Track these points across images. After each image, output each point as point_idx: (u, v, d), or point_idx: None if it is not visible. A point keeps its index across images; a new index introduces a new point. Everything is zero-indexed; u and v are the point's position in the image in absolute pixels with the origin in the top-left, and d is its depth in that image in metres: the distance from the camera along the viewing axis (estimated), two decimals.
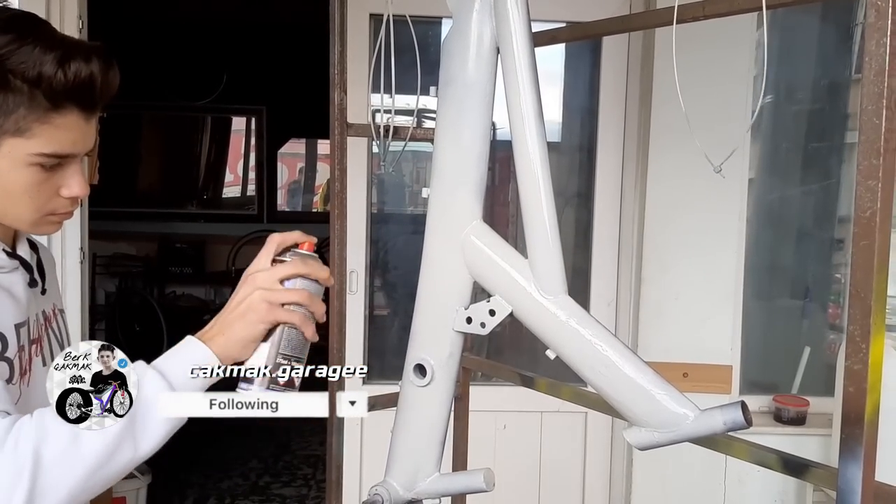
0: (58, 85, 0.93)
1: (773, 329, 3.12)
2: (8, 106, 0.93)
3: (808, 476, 1.01)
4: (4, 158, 0.95)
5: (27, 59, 0.92)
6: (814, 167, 3.16)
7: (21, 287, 1.05)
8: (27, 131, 0.94)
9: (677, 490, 2.85)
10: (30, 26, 0.96)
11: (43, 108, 0.94)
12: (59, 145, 0.96)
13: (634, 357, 0.98)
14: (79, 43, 0.97)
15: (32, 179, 0.97)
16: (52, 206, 1.01)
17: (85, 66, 0.95)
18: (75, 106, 0.96)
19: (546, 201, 1.01)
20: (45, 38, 0.95)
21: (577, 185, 3.11)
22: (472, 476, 1.13)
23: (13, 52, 0.93)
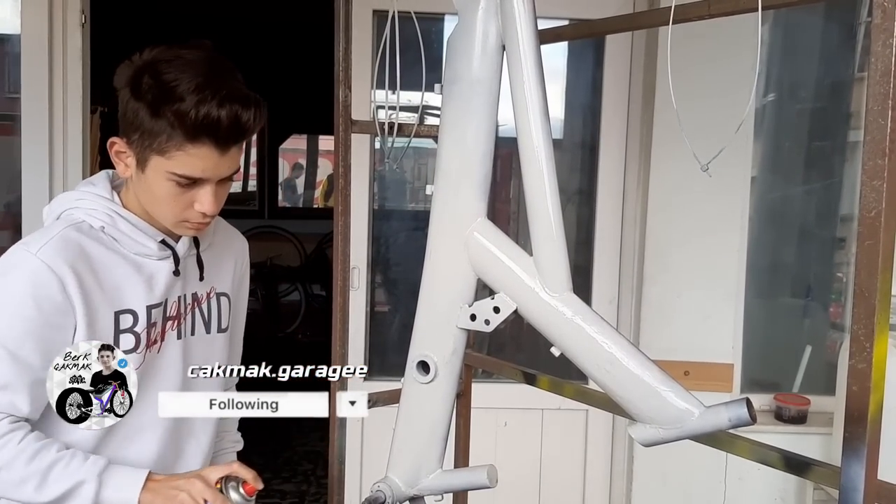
0: (190, 123, 1.12)
1: (774, 328, 3.12)
2: (154, 130, 1.14)
3: (810, 474, 1.01)
4: (152, 170, 1.18)
5: (185, 99, 1.12)
6: (816, 166, 3.16)
7: (164, 273, 1.27)
8: (167, 153, 1.15)
9: (678, 488, 2.86)
10: (193, 71, 1.15)
11: (180, 138, 1.13)
12: (189, 169, 1.16)
13: (639, 354, 0.98)
14: (223, 88, 1.14)
15: (170, 191, 1.19)
16: (186, 215, 1.22)
17: (216, 110, 1.13)
18: (209, 140, 1.14)
19: (551, 198, 1.01)
20: (198, 80, 1.13)
21: (579, 182, 3.11)
22: (476, 472, 1.13)
23: (172, 92, 1.12)
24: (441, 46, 2.72)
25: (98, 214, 1.23)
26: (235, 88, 1.17)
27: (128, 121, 1.16)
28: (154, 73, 1.14)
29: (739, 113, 2.62)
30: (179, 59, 1.16)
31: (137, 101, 1.15)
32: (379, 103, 1.59)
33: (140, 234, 1.25)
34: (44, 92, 2.79)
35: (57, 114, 2.82)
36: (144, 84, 1.14)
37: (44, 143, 2.81)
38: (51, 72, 2.79)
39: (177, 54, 1.17)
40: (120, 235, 1.23)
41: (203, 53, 1.19)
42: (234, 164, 1.22)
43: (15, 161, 2.86)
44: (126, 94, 1.16)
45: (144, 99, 1.14)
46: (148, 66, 1.15)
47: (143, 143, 1.16)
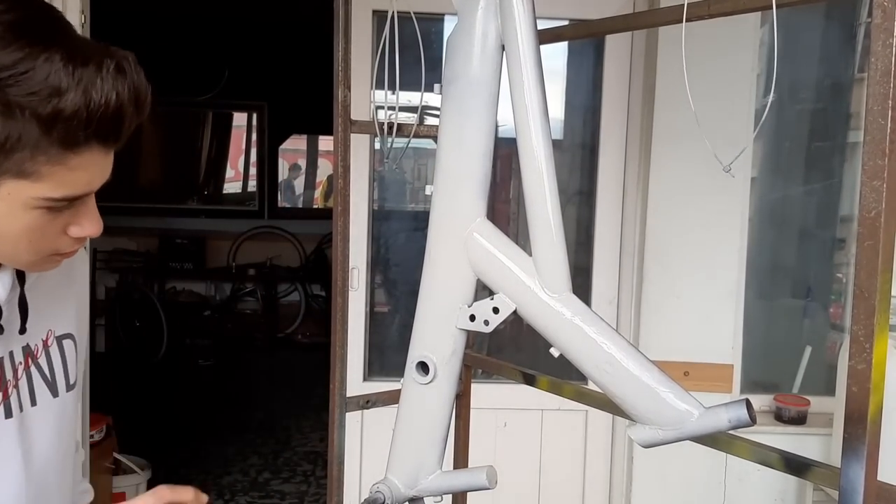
0: (78, 124, 0.75)
1: (774, 328, 3.12)
2: (10, 143, 0.74)
3: (810, 475, 1.01)
4: (2, 201, 0.78)
5: (39, 88, 0.73)
6: (816, 166, 3.16)
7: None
8: (32, 174, 0.77)
9: (678, 488, 2.86)
10: (44, 35, 0.75)
11: (56, 149, 0.76)
12: (72, 188, 0.80)
13: (639, 355, 0.97)
14: (103, 55, 0.77)
15: (35, 223, 0.81)
16: (55, 247, 0.86)
17: (114, 96, 0.76)
18: (96, 142, 0.79)
19: (550, 199, 1.01)
20: (64, 54, 0.74)
21: (578, 182, 3.11)
22: (475, 474, 1.13)
23: (19, 76, 0.72)
24: (440, 46, 2.72)
25: None
26: (114, 56, 0.79)
27: None
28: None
29: (740, 113, 2.64)
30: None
31: None
32: (378, 103, 1.59)
33: None
34: None
35: None
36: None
37: None
38: None
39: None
40: None
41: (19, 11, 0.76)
42: (111, 161, 0.85)
43: None
44: None
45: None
46: None
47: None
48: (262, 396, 5.73)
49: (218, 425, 5.06)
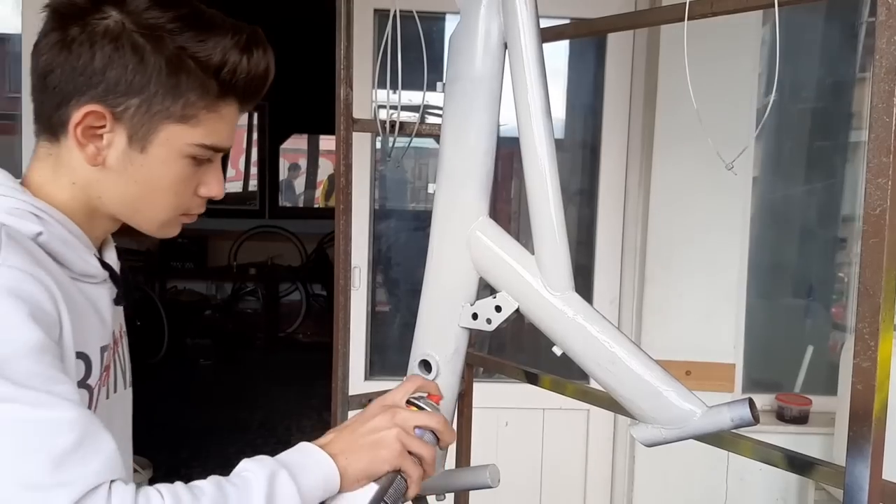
0: (239, 74, 0.87)
1: (776, 327, 3.12)
2: (179, 89, 0.85)
3: (814, 474, 1.01)
4: (161, 147, 0.87)
5: (208, 41, 0.85)
6: (818, 166, 3.16)
7: (107, 302, 0.92)
8: (192, 118, 0.87)
9: (679, 487, 2.85)
10: (192, 7, 0.88)
11: (213, 96, 0.87)
12: (218, 137, 0.89)
13: (641, 353, 0.97)
14: (245, 28, 0.90)
15: (182, 173, 0.89)
16: (188, 205, 0.93)
17: (263, 58, 0.90)
18: (240, 99, 0.91)
19: (553, 197, 1.00)
20: (216, 18, 0.88)
21: (580, 182, 3.11)
22: (478, 472, 1.13)
23: (189, 32, 0.85)
24: (442, 45, 2.72)
25: (24, 216, 0.83)
26: (253, 29, 0.92)
27: (113, 80, 0.83)
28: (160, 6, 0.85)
29: (742, 112, 2.64)
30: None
31: (135, 50, 0.83)
32: (380, 102, 1.58)
33: (81, 247, 0.88)
34: None
35: None
36: (149, 20, 0.84)
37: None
38: None
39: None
40: (60, 247, 0.85)
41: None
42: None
43: (16, 160, 2.86)
44: (101, 40, 0.83)
45: (154, 46, 0.83)
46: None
47: (149, 110, 0.84)
48: (263, 395, 5.73)
49: (219, 424, 5.06)
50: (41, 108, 0.88)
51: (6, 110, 3.11)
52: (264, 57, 0.90)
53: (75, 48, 0.83)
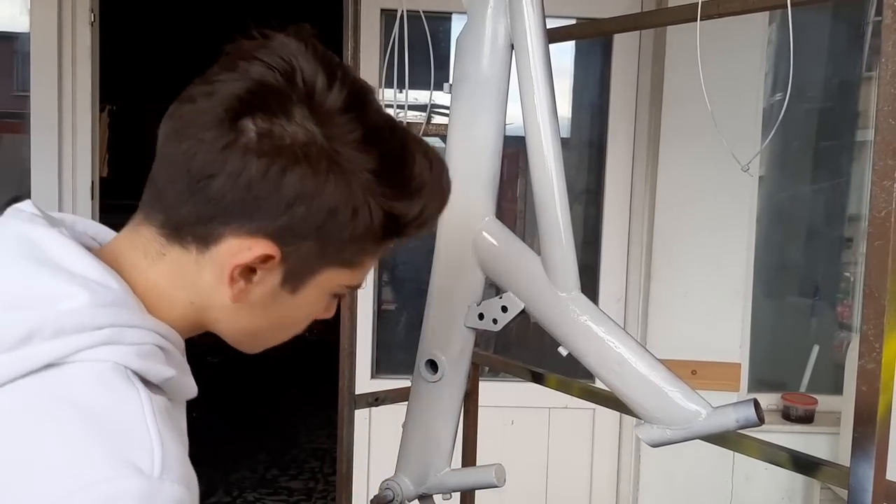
0: (413, 225, 0.75)
1: (781, 327, 3.12)
2: (357, 236, 0.70)
3: (819, 474, 1.01)
4: (316, 287, 0.74)
5: (412, 200, 0.72)
6: (824, 165, 3.16)
7: (184, 418, 0.79)
8: (355, 263, 0.74)
9: (685, 487, 2.86)
10: (399, 143, 0.72)
11: (381, 242, 0.75)
12: (364, 277, 0.78)
13: (647, 354, 0.98)
14: (443, 166, 0.77)
15: (319, 308, 0.78)
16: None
17: (438, 211, 0.78)
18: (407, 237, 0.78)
19: (559, 198, 1.01)
20: (416, 155, 0.73)
21: (586, 181, 3.11)
22: (484, 472, 1.13)
23: (390, 186, 0.70)
24: (449, 45, 2.72)
25: (153, 354, 0.67)
26: (439, 166, 0.78)
27: (300, 216, 0.67)
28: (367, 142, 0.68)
29: (748, 112, 2.63)
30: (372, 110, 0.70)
31: (330, 182, 0.66)
32: (387, 102, 1.59)
33: (189, 372, 0.76)
34: (53, 90, 2.80)
35: (66, 112, 2.84)
36: (346, 141, 0.67)
37: (53, 142, 2.83)
38: (60, 70, 2.81)
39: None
40: (181, 387, 0.74)
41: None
42: None
43: (24, 159, 2.87)
44: (291, 159, 0.65)
45: (347, 181, 0.67)
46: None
47: (320, 254, 0.71)
48: (270, 393, 5.74)
49: (225, 422, 5.07)
50: (176, 202, 0.69)
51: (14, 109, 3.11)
52: (439, 210, 0.78)
53: (252, 160, 0.65)
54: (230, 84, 0.66)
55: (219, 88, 0.66)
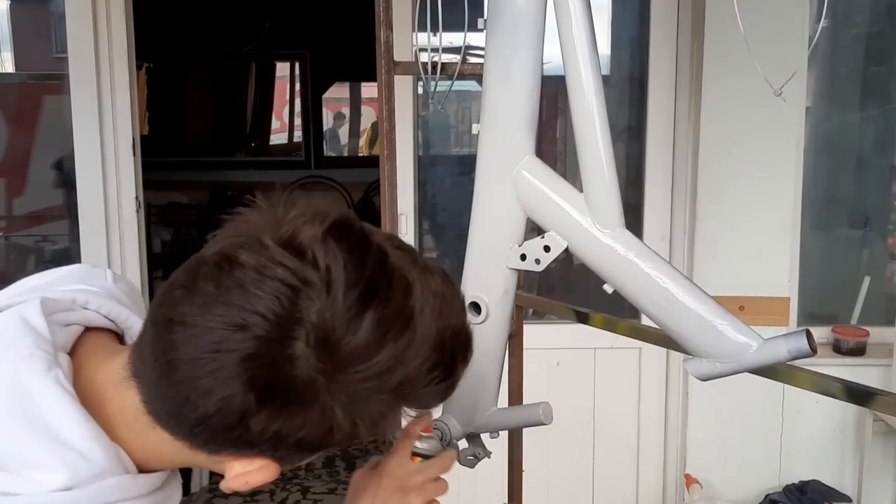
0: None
1: (831, 259, 3.06)
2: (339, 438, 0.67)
3: (875, 404, 0.99)
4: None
5: (419, 399, 0.71)
6: (873, 92, 3.06)
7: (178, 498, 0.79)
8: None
9: (734, 423, 2.85)
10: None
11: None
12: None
13: (695, 288, 0.96)
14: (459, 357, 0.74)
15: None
16: None
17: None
18: None
19: (601, 132, 0.98)
20: (425, 348, 0.67)
21: (627, 118, 3.05)
22: (530, 410, 1.13)
23: (395, 396, 0.67)
24: None
25: None
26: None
27: (295, 442, 0.65)
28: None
29: (794, 39, 2.55)
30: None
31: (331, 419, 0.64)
32: (421, 45, 1.56)
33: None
34: (90, 49, 2.82)
35: (104, 70, 2.86)
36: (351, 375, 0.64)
37: (93, 101, 2.86)
38: (95, 29, 2.82)
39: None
40: None
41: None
42: None
43: (66, 120, 2.91)
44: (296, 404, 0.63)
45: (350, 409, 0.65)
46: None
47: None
48: None
49: None
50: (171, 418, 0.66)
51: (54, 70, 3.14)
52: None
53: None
54: (231, 342, 0.60)
55: (222, 345, 0.60)
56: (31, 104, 3.72)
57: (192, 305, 0.62)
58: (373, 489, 0.93)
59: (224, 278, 0.62)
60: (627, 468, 3.06)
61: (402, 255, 0.69)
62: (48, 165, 3.56)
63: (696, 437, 2.89)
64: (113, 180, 2.89)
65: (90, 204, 2.89)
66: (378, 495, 0.92)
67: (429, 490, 0.95)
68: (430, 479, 0.96)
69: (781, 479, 2.82)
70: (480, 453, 1.21)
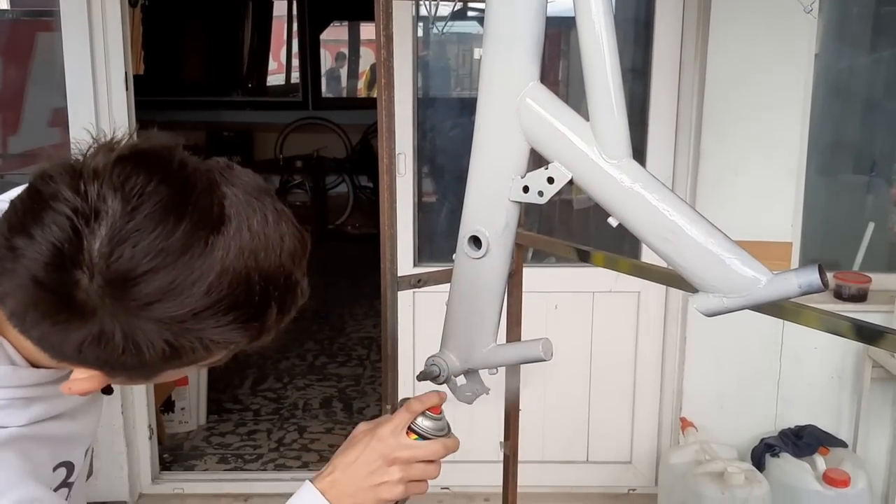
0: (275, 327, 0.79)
1: (835, 205, 3.02)
2: (223, 346, 0.75)
3: (884, 342, 0.97)
4: (171, 374, 0.81)
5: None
6: (885, 33, 2.98)
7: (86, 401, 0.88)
8: (215, 353, 0.79)
9: (731, 368, 2.85)
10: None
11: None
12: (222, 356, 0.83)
13: (703, 221, 0.93)
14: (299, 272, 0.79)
15: (193, 371, 0.87)
16: None
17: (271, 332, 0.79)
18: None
19: (609, 58, 0.94)
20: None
21: (632, 59, 2.98)
22: (530, 346, 1.11)
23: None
24: None
25: (9, 408, 0.78)
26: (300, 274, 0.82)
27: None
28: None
29: None
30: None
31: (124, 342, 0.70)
32: None
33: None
34: None
35: (96, 7, 2.78)
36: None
37: (84, 36, 2.79)
38: None
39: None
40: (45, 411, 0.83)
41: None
42: None
43: (57, 56, 2.84)
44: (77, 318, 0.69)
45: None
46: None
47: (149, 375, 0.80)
48: (316, 286, 5.76)
49: None
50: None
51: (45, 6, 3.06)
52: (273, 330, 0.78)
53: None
54: (31, 254, 0.67)
55: (20, 258, 0.67)
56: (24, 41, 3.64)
57: (3, 223, 0.69)
58: (362, 447, 0.95)
59: (24, 204, 0.69)
60: (623, 411, 3.07)
61: (232, 191, 0.72)
62: (43, 104, 3.51)
63: (692, 382, 2.89)
64: (106, 116, 2.84)
65: (83, 139, 2.84)
66: (364, 454, 0.94)
67: (415, 469, 0.95)
68: (419, 458, 0.96)
69: (777, 424, 2.83)
70: (479, 390, 1.19)
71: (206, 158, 0.77)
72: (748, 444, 2.81)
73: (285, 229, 0.74)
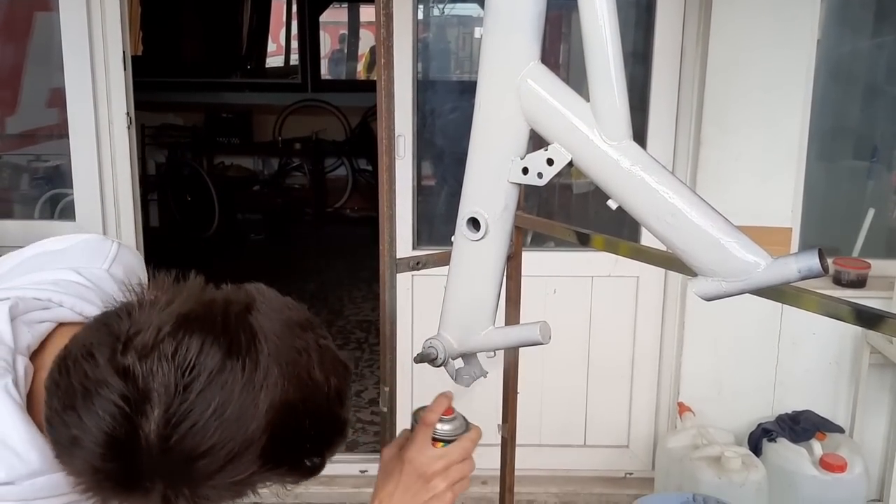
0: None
1: (836, 191, 3.01)
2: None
3: (884, 327, 0.96)
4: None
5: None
6: (887, 17, 2.96)
7: None
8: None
9: (729, 353, 2.85)
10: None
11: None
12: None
13: (702, 204, 0.92)
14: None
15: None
16: None
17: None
18: None
19: (610, 37, 0.93)
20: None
21: (632, 43, 2.96)
22: (528, 329, 1.10)
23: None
24: None
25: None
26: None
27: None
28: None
29: None
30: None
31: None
32: None
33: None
34: None
35: None
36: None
37: (82, 14, 2.76)
38: None
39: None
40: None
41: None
42: None
43: (55, 36, 2.83)
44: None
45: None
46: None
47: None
48: (314, 269, 5.81)
49: None
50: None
51: None
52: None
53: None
54: (87, 444, 0.69)
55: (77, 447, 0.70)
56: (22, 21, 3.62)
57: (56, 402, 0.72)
58: (398, 474, 0.98)
59: (70, 386, 0.71)
60: (621, 395, 3.07)
61: (273, 338, 0.75)
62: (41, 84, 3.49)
63: (690, 367, 2.89)
64: (103, 95, 2.82)
65: (80, 119, 2.83)
66: (402, 481, 0.97)
67: (454, 473, 0.98)
68: (453, 462, 0.99)
69: (774, 410, 2.84)
70: (477, 373, 1.19)
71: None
72: (745, 429, 2.82)
73: (330, 369, 0.77)
